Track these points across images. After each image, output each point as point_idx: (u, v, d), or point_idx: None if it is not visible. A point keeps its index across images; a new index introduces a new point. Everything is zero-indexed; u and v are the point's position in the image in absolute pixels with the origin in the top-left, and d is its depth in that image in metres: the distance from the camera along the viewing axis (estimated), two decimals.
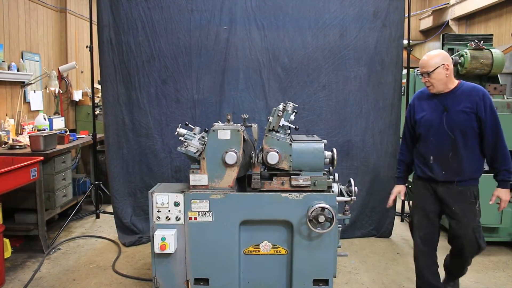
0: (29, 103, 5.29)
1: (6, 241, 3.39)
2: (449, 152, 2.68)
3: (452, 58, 4.41)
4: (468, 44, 4.43)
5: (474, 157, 2.68)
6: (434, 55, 2.70)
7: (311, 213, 2.60)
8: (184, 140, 2.79)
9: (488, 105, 2.61)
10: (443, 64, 2.64)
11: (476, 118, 2.62)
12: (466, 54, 4.32)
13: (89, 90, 6.03)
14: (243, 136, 2.72)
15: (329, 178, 2.74)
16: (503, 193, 2.67)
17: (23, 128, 4.93)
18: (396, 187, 3.05)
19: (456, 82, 2.71)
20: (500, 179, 2.67)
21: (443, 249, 4.12)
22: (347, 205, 2.88)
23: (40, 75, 5.48)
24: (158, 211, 2.73)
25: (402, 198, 3.09)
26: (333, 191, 2.74)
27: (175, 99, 4.01)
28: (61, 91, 5.85)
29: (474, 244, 2.68)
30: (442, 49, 4.64)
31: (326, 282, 2.77)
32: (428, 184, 2.81)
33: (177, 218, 2.73)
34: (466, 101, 2.62)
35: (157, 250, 2.67)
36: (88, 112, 6.28)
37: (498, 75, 4.51)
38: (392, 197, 3.02)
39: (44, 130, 4.81)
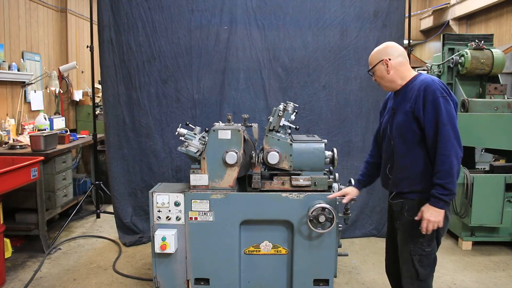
0: (29, 103, 5.30)
1: (7, 241, 3.39)
2: (391, 160, 2.32)
3: (453, 58, 4.46)
4: (469, 44, 4.43)
5: (417, 167, 2.19)
6: (374, 51, 2.34)
7: (312, 213, 2.60)
8: (184, 140, 2.79)
9: (429, 101, 2.10)
10: (381, 60, 2.26)
11: (414, 118, 2.16)
12: (467, 54, 4.32)
13: (90, 90, 6.03)
14: (244, 136, 2.73)
15: (329, 178, 2.74)
16: (429, 211, 2.12)
17: (24, 128, 4.93)
18: (347, 188, 2.63)
19: (410, 76, 2.27)
20: (431, 193, 2.12)
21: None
22: (347, 205, 2.88)
23: (40, 75, 5.48)
24: (159, 211, 2.73)
25: (344, 201, 2.58)
26: (333, 191, 2.74)
27: (175, 99, 4.01)
28: (62, 91, 5.85)
29: (410, 269, 2.23)
30: (443, 49, 4.64)
31: (326, 282, 2.77)
32: (388, 197, 2.45)
33: (178, 218, 2.73)
34: (409, 99, 2.19)
35: (157, 250, 2.68)
36: (88, 112, 6.28)
37: (499, 75, 4.51)
38: (334, 195, 2.61)
39: (45, 130, 4.82)
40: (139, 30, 3.92)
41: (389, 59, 2.25)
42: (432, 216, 2.12)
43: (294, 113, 2.79)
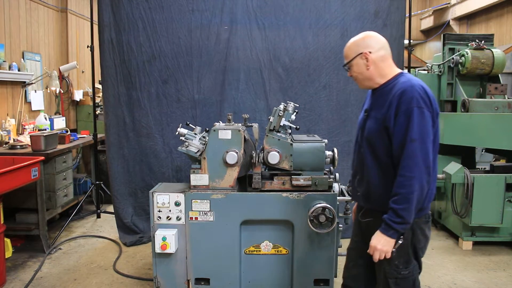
0: (30, 103, 5.30)
1: (7, 241, 3.39)
2: (361, 171, 2.05)
3: (453, 58, 4.46)
4: (469, 44, 4.43)
5: (389, 183, 1.88)
6: (351, 42, 2.04)
7: (312, 213, 2.60)
8: (185, 140, 2.79)
9: (401, 111, 1.80)
10: (361, 53, 1.95)
11: (385, 128, 1.87)
12: (467, 54, 4.32)
13: (90, 90, 6.03)
14: (244, 136, 2.73)
15: (330, 178, 2.74)
16: (376, 238, 1.86)
17: (24, 128, 4.93)
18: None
19: (390, 75, 1.97)
20: (383, 218, 1.85)
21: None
22: (348, 205, 2.88)
23: (41, 75, 5.48)
24: (159, 211, 2.73)
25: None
26: (334, 191, 2.74)
27: (176, 99, 4.01)
28: (62, 91, 5.85)
29: None
30: (443, 49, 4.64)
31: (327, 282, 2.77)
32: (357, 209, 2.24)
33: (178, 218, 2.73)
34: (382, 105, 1.90)
35: (158, 250, 2.68)
36: (89, 112, 6.28)
37: (499, 75, 4.51)
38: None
39: (45, 130, 4.82)
40: (140, 30, 3.92)
41: (370, 52, 1.94)
42: (379, 243, 1.84)
43: (295, 113, 2.78)
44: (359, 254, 2.15)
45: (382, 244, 1.84)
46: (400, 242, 1.87)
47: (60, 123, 5.45)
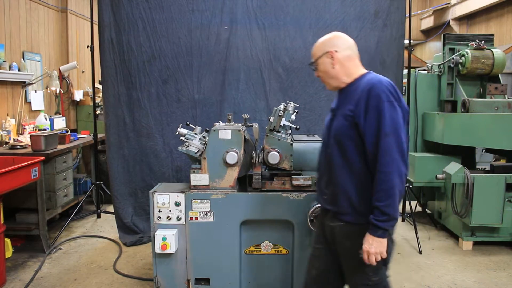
0: (30, 103, 5.30)
1: (7, 241, 3.39)
2: (328, 172, 1.99)
3: (453, 58, 4.46)
4: (469, 44, 4.43)
5: (357, 183, 1.86)
6: (319, 42, 2.02)
7: (312, 213, 2.60)
8: (185, 140, 2.79)
9: (372, 106, 1.79)
10: (327, 52, 1.95)
11: (354, 125, 1.84)
12: (467, 54, 4.32)
13: (90, 90, 6.04)
14: (244, 136, 2.73)
15: None
16: (367, 242, 1.80)
17: (24, 128, 4.93)
18: None
19: (357, 74, 1.96)
20: (369, 219, 1.79)
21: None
22: None
23: (41, 75, 5.48)
24: (159, 211, 2.73)
25: None
26: None
27: (176, 99, 4.01)
28: (62, 91, 5.85)
29: None
30: (443, 49, 4.64)
31: None
32: (321, 213, 2.16)
33: (178, 218, 2.73)
34: (350, 102, 1.88)
35: (158, 250, 2.68)
36: (89, 112, 6.28)
37: (499, 75, 4.52)
38: None
39: (45, 130, 4.82)
40: (140, 30, 3.92)
41: (335, 51, 1.94)
42: (372, 247, 1.79)
43: (295, 113, 2.78)
44: (324, 262, 2.07)
45: (375, 247, 1.79)
46: None
47: (60, 123, 5.45)
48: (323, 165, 2.05)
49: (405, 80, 4.50)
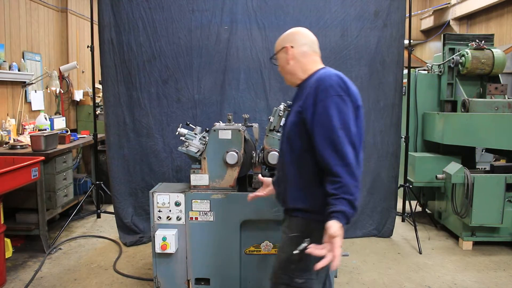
0: (30, 103, 5.30)
1: (7, 241, 3.39)
2: (280, 168, 1.98)
3: (453, 58, 4.46)
4: (469, 44, 4.43)
5: (304, 179, 1.81)
6: (280, 37, 2.04)
7: None
8: (185, 140, 2.79)
9: (320, 100, 1.71)
10: (284, 47, 1.95)
11: (302, 120, 1.78)
12: (467, 54, 4.32)
13: (90, 90, 6.04)
14: (244, 136, 2.73)
15: None
16: (333, 228, 1.60)
17: (24, 128, 4.93)
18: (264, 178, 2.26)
19: (312, 70, 1.91)
20: (328, 212, 1.63)
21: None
22: None
23: (41, 75, 5.48)
24: (159, 211, 2.73)
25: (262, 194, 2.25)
26: None
27: (176, 99, 4.01)
28: (62, 91, 5.85)
29: None
30: (443, 49, 4.65)
31: None
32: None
33: (178, 218, 2.73)
34: (301, 97, 1.84)
35: (158, 250, 2.68)
36: (89, 112, 6.28)
37: (499, 75, 4.52)
38: (254, 195, 2.28)
39: (45, 130, 4.82)
40: (140, 30, 3.92)
41: (292, 47, 1.94)
42: (336, 232, 1.59)
43: None
44: None
45: (338, 233, 1.59)
46: (305, 244, 1.68)
47: (60, 123, 5.45)
48: (278, 163, 2.06)
49: (405, 80, 4.50)
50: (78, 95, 6.28)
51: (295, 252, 1.69)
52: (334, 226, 1.59)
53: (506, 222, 3.90)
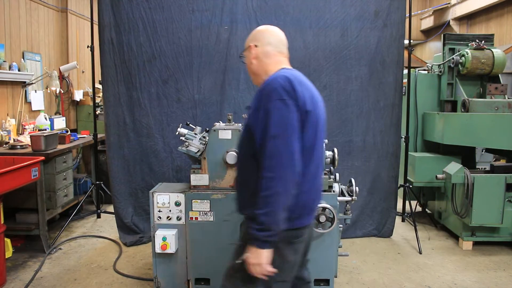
0: (30, 103, 5.30)
1: (7, 240, 3.39)
2: (237, 173, 1.92)
3: (453, 58, 4.46)
4: (469, 44, 4.43)
5: (250, 186, 1.71)
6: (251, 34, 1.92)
7: None
8: (185, 140, 2.79)
9: (262, 105, 1.64)
10: (249, 46, 1.87)
11: (248, 126, 1.74)
12: (467, 54, 4.32)
13: (90, 90, 6.03)
14: None
15: (330, 178, 2.74)
16: (248, 252, 1.62)
17: (24, 128, 4.93)
18: None
19: (273, 71, 1.79)
20: (248, 228, 1.63)
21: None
22: (348, 205, 2.88)
23: (41, 75, 5.48)
24: (159, 211, 2.73)
25: None
26: (334, 191, 2.74)
27: (176, 99, 4.01)
28: (62, 91, 5.85)
29: None
30: (443, 49, 4.64)
31: (327, 282, 2.77)
32: None
33: (178, 218, 2.73)
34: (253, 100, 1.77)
35: (158, 250, 2.68)
36: (89, 112, 6.28)
37: (499, 75, 4.51)
38: None
39: (45, 130, 4.82)
40: (140, 30, 3.93)
41: (256, 46, 1.85)
42: (250, 257, 1.61)
43: None
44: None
45: (252, 257, 1.60)
46: (247, 254, 1.64)
47: (60, 123, 5.45)
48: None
49: (405, 80, 4.50)
50: (78, 95, 6.28)
51: (237, 261, 1.68)
52: (250, 251, 1.60)
53: (506, 222, 3.90)
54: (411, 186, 4.54)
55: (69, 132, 4.89)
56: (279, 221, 1.58)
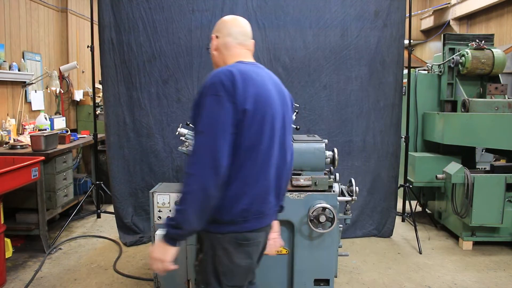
0: (30, 103, 5.30)
1: (7, 240, 3.39)
2: None
3: (453, 58, 4.46)
4: (469, 44, 4.43)
5: None
6: None
7: (312, 213, 2.60)
8: (185, 139, 2.79)
9: (199, 99, 1.58)
10: (212, 37, 1.82)
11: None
12: (467, 54, 4.32)
13: (90, 90, 6.04)
14: None
15: (330, 178, 2.74)
16: (154, 245, 1.62)
17: (24, 128, 4.93)
18: None
19: (229, 64, 1.75)
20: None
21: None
22: (348, 205, 2.88)
23: (41, 75, 5.48)
24: (159, 211, 2.73)
25: None
26: (334, 191, 2.74)
27: (176, 99, 4.01)
28: (62, 91, 5.85)
29: None
30: (443, 49, 4.65)
31: (327, 282, 2.77)
32: None
33: None
34: None
35: None
36: (89, 112, 6.28)
37: (499, 75, 4.51)
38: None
39: (45, 130, 4.82)
40: (140, 30, 3.93)
41: (217, 37, 1.80)
42: (155, 251, 1.58)
43: (295, 113, 2.79)
44: None
45: (156, 252, 1.57)
46: (200, 255, 1.65)
47: (60, 123, 5.45)
48: None
49: (405, 80, 4.50)
50: (78, 95, 6.28)
51: (195, 263, 1.71)
52: (157, 244, 1.57)
53: (506, 222, 3.90)
54: (411, 186, 4.55)
55: (69, 132, 4.89)
56: (192, 221, 1.51)
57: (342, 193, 2.89)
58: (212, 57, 1.85)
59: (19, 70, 4.91)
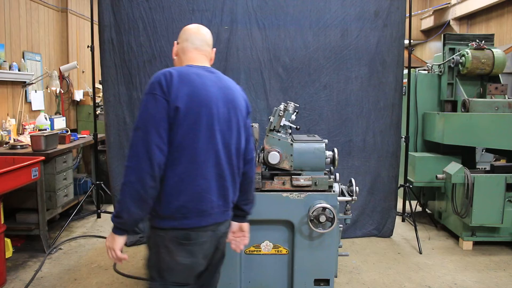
0: (30, 103, 5.30)
1: (7, 240, 3.40)
2: None
3: (453, 58, 4.46)
4: (469, 44, 4.43)
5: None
6: None
7: (312, 213, 2.60)
8: None
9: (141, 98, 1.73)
10: (173, 43, 1.95)
11: None
12: (467, 54, 4.32)
13: (90, 90, 6.04)
14: None
15: (330, 178, 2.74)
16: (108, 236, 1.79)
17: (24, 128, 4.94)
18: None
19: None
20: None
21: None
22: (348, 205, 2.88)
23: (41, 75, 5.48)
24: None
25: None
26: (334, 191, 2.74)
27: None
28: (62, 91, 5.86)
29: None
30: (443, 49, 4.65)
31: (327, 282, 2.77)
32: None
33: None
34: None
35: None
36: (89, 112, 6.29)
37: (500, 75, 4.52)
38: None
39: (45, 130, 4.82)
40: (140, 30, 3.93)
41: (177, 43, 1.91)
42: (107, 239, 1.78)
43: (295, 113, 2.79)
44: None
45: (107, 241, 1.77)
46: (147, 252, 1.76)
47: (60, 123, 5.46)
48: None
49: (405, 80, 4.50)
50: (78, 95, 6.28)
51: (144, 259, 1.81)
52: (109, 234, 1.73)
53: (506, 222, 3.90)
54: (411, 186, 4.55)
55: (69, 132, 4.89)
56: (131, 210, 1.64)
57: (342, 193, 2.89)
58: (173, 62, 1.95)
59: (19, 70, 4.92)
